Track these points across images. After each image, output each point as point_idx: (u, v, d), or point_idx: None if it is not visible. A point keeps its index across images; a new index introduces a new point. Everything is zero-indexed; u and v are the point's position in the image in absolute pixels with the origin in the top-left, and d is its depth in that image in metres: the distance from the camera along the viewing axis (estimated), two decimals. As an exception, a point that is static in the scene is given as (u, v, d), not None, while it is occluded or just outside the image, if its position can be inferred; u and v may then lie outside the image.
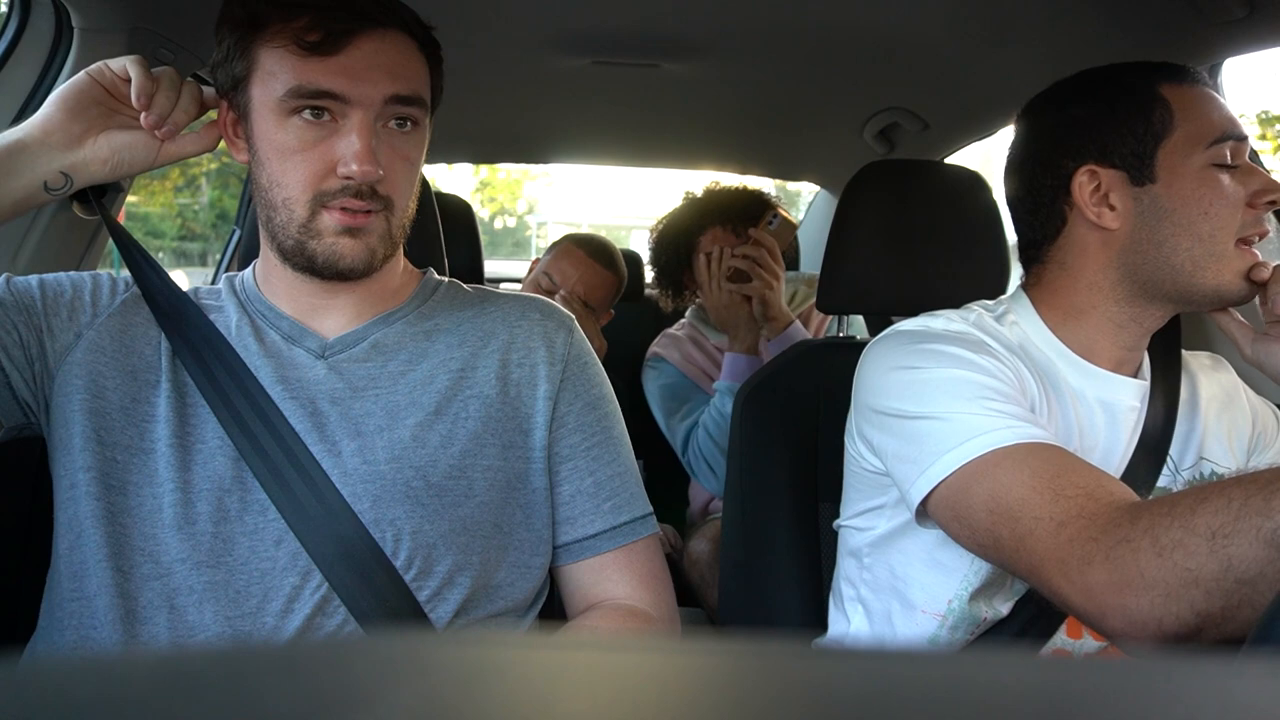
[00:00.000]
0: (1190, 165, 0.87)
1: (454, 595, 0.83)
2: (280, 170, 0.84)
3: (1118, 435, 0.93)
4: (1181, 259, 0.88)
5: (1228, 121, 0.89)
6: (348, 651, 0.23)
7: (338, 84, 0.82)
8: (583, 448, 0.93)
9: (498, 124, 2.29)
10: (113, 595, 0.78)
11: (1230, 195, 0.87)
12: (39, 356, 0.86)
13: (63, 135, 0.85)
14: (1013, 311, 0.97)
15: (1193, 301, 0.91)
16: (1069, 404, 0.93)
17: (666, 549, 1.61)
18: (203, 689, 0.19)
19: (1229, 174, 0.88)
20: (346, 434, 0.85)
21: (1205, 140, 0.87)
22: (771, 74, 1.77)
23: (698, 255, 1.89)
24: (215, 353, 0.86)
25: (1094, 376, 0.93)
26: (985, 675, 0.21)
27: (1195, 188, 0.87)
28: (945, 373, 0.84)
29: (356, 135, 0.82)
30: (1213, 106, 0.90)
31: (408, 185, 0.89)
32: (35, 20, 1.16)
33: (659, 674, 0.21)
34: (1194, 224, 0.87)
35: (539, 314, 0.97)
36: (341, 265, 0.86)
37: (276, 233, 0.87)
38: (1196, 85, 0.91)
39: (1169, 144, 0.88)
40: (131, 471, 0.82)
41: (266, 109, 0.84)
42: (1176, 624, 0.63)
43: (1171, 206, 0.88)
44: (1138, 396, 0.95)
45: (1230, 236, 0.87)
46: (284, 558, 0.80)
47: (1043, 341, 0.94)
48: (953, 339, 0.88)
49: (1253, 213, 0.87)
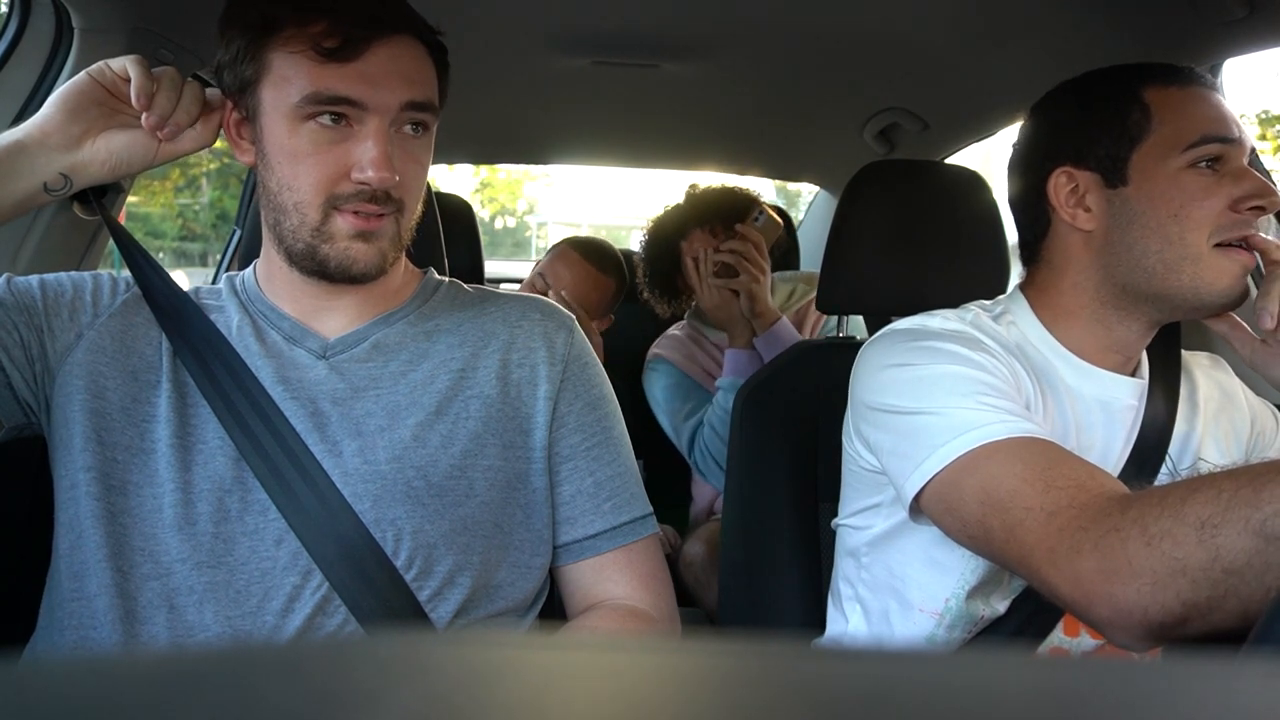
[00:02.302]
0: (1165, 168, 0.87)
1: (454, 595, 0.83)
2: (292, 174, 0.84)
3: (1115, 433, 0.93)
4: (1152, 261, 0.88)
5: (1213, 123, 0.87)
6: (348, 652, 0.23)
7: (356, 91, 0.82)
8: (583, 448, 0.93)
9: (498, 124, 2.29)
10: (112, 595, 0.78)
11: (1207, 198, 0.86)
12: (40, 356, 0.86)
13: (62, 136, 0.84)
14: (1010, 311, 0.97)
15: (1175, 305, 0.90)
16: (1066, 402, 0.93)
17: (666, 549, 1.61)
18: (203, 689, 0.19)
19: (1213, 177, 0.87)
20: (347, 434, 0.85)
21: (1184, 143, 0.87)
22: (771, 74, 1.77)
23: (685, 259, 1.91)
24: (216, 353, 0.86)
25: (1090, 375, 0.93)
26: (984, 675, 0.21)
27: (1166, 190, 0.86)
28: (940, 368, 0.84)
29: (374, 142, 0.82)
30: (1199, 108, 0.88)
31: (418, 188, 0.90)
32: (35, 20, 1.16)
33: (658, 674, 0.21)
34: (1163, 226, 0.87)
35: (539, 314, 0.97)
36: (355, 270, 0.86)
37: (285, 237, 0.87)
38: (1187, 87, 0.90)
39: (1145, 147, 0.88)
40: (132, 471, 0.82)
41: (279, 114, 0.84)
42: (1162, 613, 0.63)
43: (1141, 209, 0.88)
44: (1135, 395, 0.95)
45: (1203, 239, 0.86)
46: (284, 557, 0.80)
47: (1039, 340, 0.95)
48: (949, 336, 0.88)
49: (1234, 217, 0.86)
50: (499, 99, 2.00)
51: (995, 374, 0.84)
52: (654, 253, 2.00)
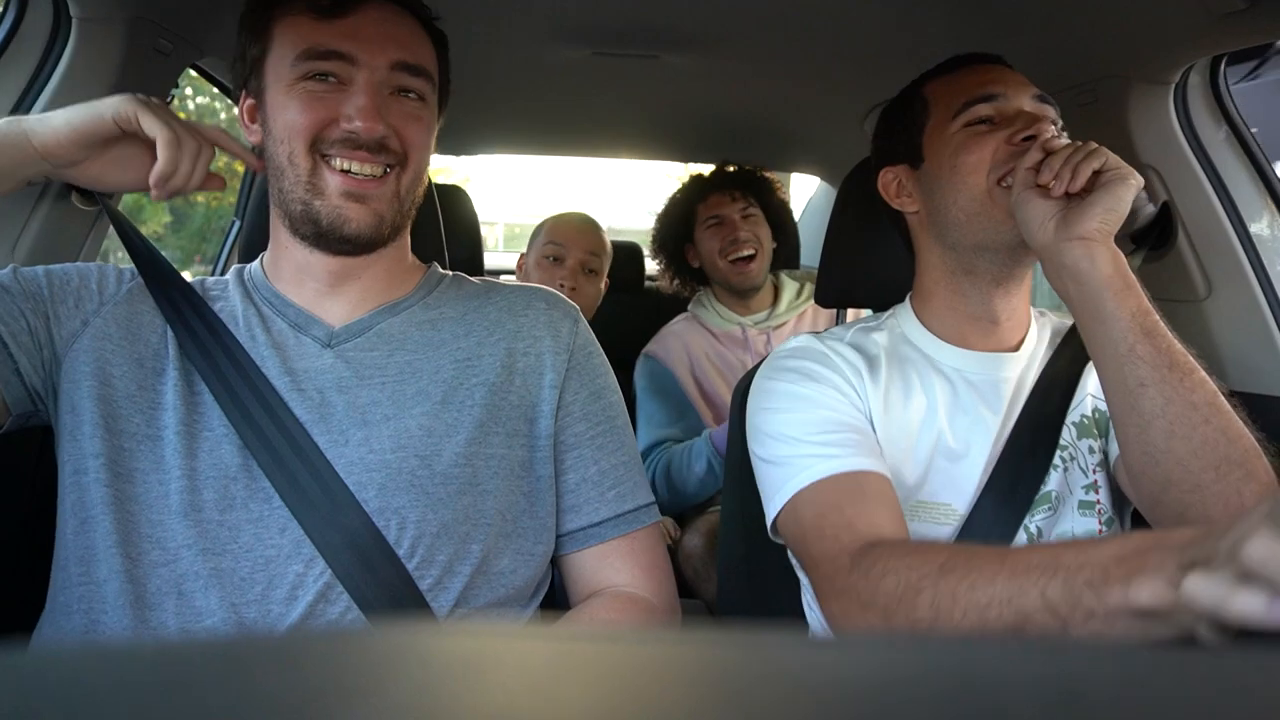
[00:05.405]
0: (946, 136, 0.99)
1: (456, 583, 0.84)
2: (284, 128, 0.87)
3: (994, 408, 0.99)
4: (955, 214, 0.97)
5: (976, 85, 0.98)
6: (347, 642, 0.23)
7: (345, 45, 0.85)
8: (588, 436, 0.94)
9: (498, 115, 2.28)
10: (122, 581, 0.79)
11: (979, 146, 0.96)
12: (47, 343, 0.86)
13: (64, 159, 0.88)
14: (895, 313, 1.08)
15: (991, 248, 0.96)
16: (940, 385, 0.99)
17: (666, 541, 1.61)
18: (205, 678, 0.20)
19: (987, 129, 0.97)
20: (353, 423, 0.85)
21: (952, 112, 0.98)
22: (771, 66, 1.76)
23: (700, 227, 2.05)
24: (219, 341, 0.87)
25: (954, 355, 1.01)
26: (984, 662, 0.21)
27: (950, 153, 0.98)
28: (776, 416, 0.95)
29: (362, 93, 0.85)
30: (963, 82, 1.00)
31: (422, 145, 0.91)
32: (33, 10, 1.16)
33: (658, 665, 0.21)
34: (951, 181, 0.97)
35: (544, 304, 0.97)
36: (347, 229, 0.87)
37: (286, 198, 0.89)
38: (957, 70, 1.02)
39: (929, 128, 1.01)
40: (139, 459, 0.82)
41: (280, 82, 0.87)
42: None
43: (938, 175, 0.99)
44: (1007, 369, 1.00)
45: (982, 181, 0.95)
46: (288, 545, 0.80)
47: (912, 332, 1.04)
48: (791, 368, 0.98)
49: (1008, 149, 0.94)
50: (499, 90, 1.99)
51: (824, 404, 0.94)
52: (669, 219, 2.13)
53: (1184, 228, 1.32)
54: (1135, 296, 0.83)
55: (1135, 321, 0.82)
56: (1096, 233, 0.84)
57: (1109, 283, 0.83)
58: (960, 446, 0.97)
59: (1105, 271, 0.83)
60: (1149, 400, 0.80)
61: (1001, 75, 1.00)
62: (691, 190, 2.11)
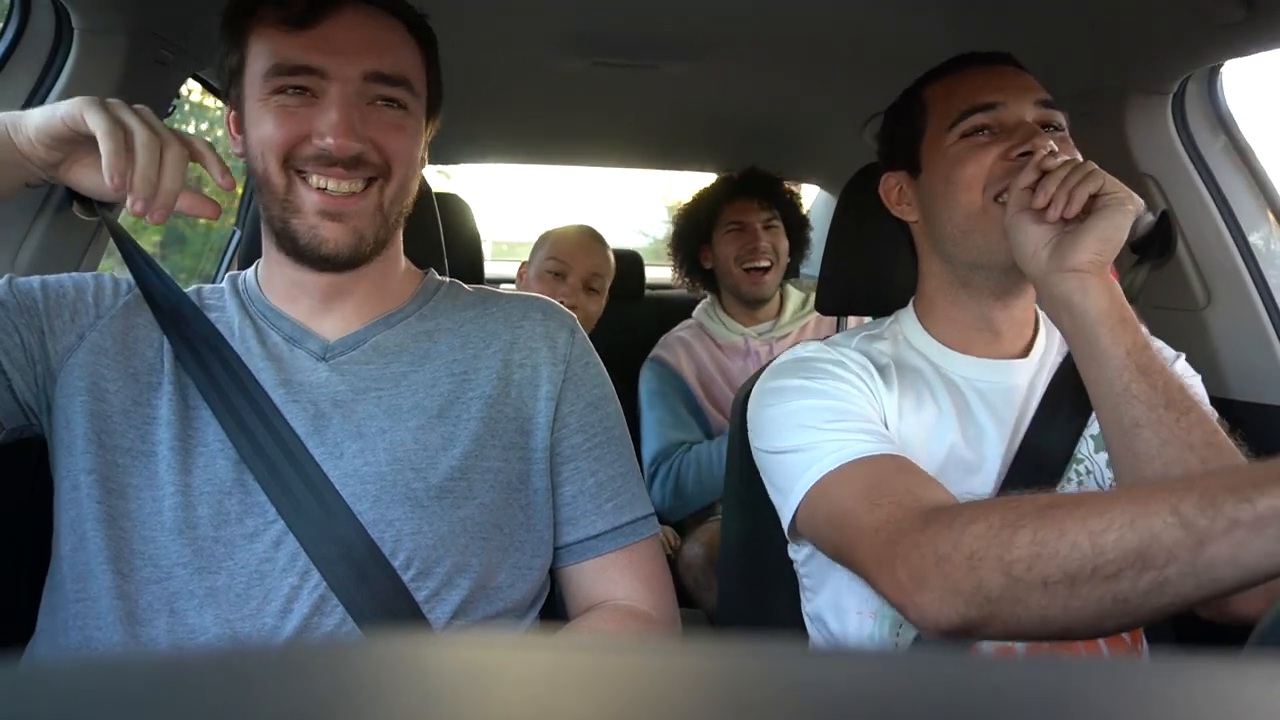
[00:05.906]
0: (942, 148, 0.96)
1: (453, 596, 0.83)
2: (259, 144, 0.85)
3: (1002, 415, 0.96)
4: (950, 229, 0.95)
5: (975, 93, 0.95)
6: (348, 652, 0.23)
7: (314, 58, 0.82)
8: (585, 448, 0.93)
9: (498, 126, 2.29)
10: (114, 597, 0.78)
11: (974, 160, 0.92)
12: (41, 358, 0.85)
13: (43, 162, 0.83)
14: (899, 320, 1.05)
15: (985, 265, 0.94)
16: (947, 393, 0.97)
17: (666, 551, 1.61)
18: (201, 691, 0.19)
19: (985, 140, 0.93)
20: (349, 436, 0.85)
21: (949, 121, 0.95)
22: (771, 75, 1.77)
23: (720, 229, 2.03)
24: (216, 354, 0.86)
25: (959, 362, 0.99)
26: (983, 676, 0.21)
27: (946, 166, 0.95)
28: (790, 406, 0.91)
29: (335, 108, 0.82)
30: (961, 88, 0.96)
31: (406, 154, 0.88)
32: (35, 21, 1.16)
33: (658, 675, 0.21)
34: (945, 195, 0.95)
35: (541, 314, 0.97)
36: (324, 250, 0.85)
37: (268, 214, 0.88)
38: (957, 72, 0.99)
39: (927, 136, 0.99)
40: (132, 475, 0.82)
41: (254, 96, 0.85)
42: (948, 622, 0.71)
43: (934, 188, 0.97)
44: (1017, 376, 0.97)
45: (977, 196, 0.92)
46: (283, 559, 0.80)
47: (918, 340, 1.01)
48: (802, 367, 0.95)
49: (1005, 165, 0.91)
50: (498, 100, 1.99)
51: (840, 397, 0.91)
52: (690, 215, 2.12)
53: (1183, 237, 1.32)
54: (1131, 333, 0.81)
55: (1131, 359, 0.80)
56: (1090, 264, 0.82)
57: (1103, 318, 0.81)
58: (974, 457, 0.94)
59: (1099, 306, 0.81)
60: (1144, 442, 0.78)
61: (1004, 80, 0.96)
62: (719, 190, 2.09)
